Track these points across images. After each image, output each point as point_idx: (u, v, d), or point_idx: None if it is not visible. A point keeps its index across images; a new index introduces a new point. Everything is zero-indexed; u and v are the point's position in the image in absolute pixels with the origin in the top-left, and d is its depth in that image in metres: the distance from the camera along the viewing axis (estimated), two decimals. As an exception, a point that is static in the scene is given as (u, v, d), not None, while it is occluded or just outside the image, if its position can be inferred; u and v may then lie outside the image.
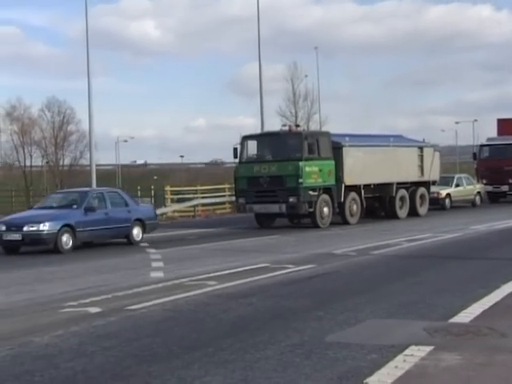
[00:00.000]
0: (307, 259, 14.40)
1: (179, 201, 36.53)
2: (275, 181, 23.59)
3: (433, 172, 29.56)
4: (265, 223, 25.29)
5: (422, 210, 29.08)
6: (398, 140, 29.05)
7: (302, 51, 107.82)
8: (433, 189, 33.38)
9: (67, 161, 71.84)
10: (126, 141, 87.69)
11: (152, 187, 39.40)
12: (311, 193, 23.54)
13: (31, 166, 71.37)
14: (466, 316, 8.21)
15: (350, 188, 25.17)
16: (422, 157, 29.07)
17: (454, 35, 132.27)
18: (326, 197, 24.18)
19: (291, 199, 23.20)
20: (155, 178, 71.56)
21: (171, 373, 6.06)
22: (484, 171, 37.54)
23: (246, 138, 25.42)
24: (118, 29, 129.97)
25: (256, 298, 10.08)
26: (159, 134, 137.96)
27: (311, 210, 23.69)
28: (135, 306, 9.40)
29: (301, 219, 25.30)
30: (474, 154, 39.02)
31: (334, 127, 58.30)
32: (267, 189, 23.79)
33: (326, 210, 24.14)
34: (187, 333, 7.83)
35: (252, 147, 25.21)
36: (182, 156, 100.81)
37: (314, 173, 23.75)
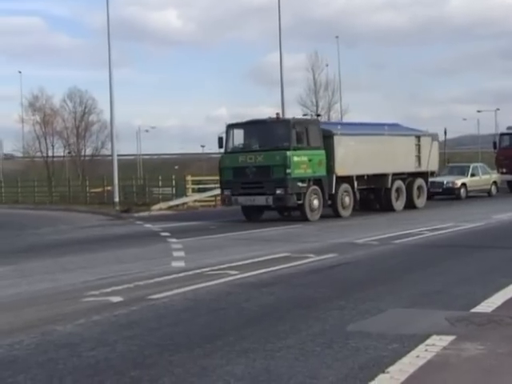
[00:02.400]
0: (329, 248, 14.39)
1: (200, 190, 36.60)
2: (262, 171, 22.43)
3: (431, 162, 28.35)
4: (252, 216, 24.09)
5: (420, 201, 27.92)
6: (394, 128, 27.85)
7: (324, 40, 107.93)
8: (448, 178, 33.60)
9: (89, 151, 72.35)
10: (147, 131, 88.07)
11: (173, 177, 39.48)
12: (300, 184, 22.38)
13: (53, 157, 71.89)
14: (488, 306, 8.16)
15: (341, 179, 24.08)
16: (419, 146, 27.83)
17: (477, 23, 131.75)
18: (316, 188, 23.05)
19: (278, 191, 22.08)
20: (176, 167, 71.75)
21: (193, 362, 6.08)
22: (503, 160, 37.29)
23: (231, 127, 24.16)
24: (140, 19, 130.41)
25: (277, 287, 10.09)
26: (181, 124, 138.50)
27: (300, 202, 22.50)
28: (156, 296, 9.43)
29: (291, 212, 24.12)
30: (494, 143, 38.81)
31: (355, 117, 58.11)
32: (253, 180, 22.68)
33: (315, 202, 22.95)
34: (208, 322, 7.85)
35: (238, 136, 24.01)
36: (203, 146, 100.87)
37: (302, 163, 22.55)
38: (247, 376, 5.64)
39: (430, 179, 35.08)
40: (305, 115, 50.30)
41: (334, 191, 23.62)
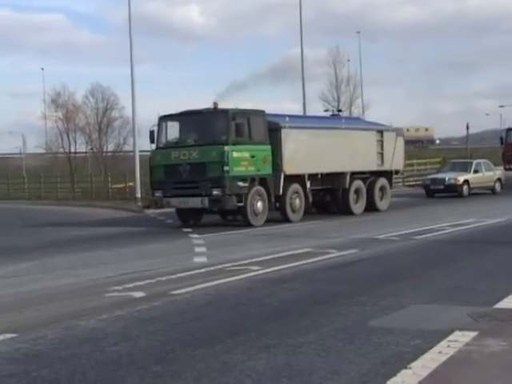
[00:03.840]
0: (350, 244, 14.37)
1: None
2: (197, 169, 19.77)
3: (395, 160, 25.45)
4: (190, 220, 21.39)
5: (383, 204, 24.99)
6: (353, 122, 25.32)
7: (345, 35, 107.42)
8: (450, 175, 31.93)
9: (111, 147, 72.48)
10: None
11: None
12: (240, 184, 19.69)
13: (75, 153, 72.13)
14: (510, 301, 8.12)
15: (291, 178, 21.30)
16: (381, 142, 24.95)
17: (499, 16, 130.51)
18: (259, 189, 20.32)
19: (215, 191, 19.39)
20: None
21: (214, 357, 6.11)
22: (510, 156, 36.64)
23: (163, 119, 21.28)
24: (162, 15, 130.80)
25: (299, 282, 10.10)
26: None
27: (241, 204, 19.77)
28: (179, 291, 9.47)
29: (236, 216, 21.20)
30: (501, 139, 38.04)
31: (376, 112, 58.01)
32: (187, 179, 19.99)
33: (259, 204, 20.18)
34: (230, 317, 7.87)
35: (172, 129, 21.37)
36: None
37: (243, 159, 19.94)
38: (269, 371, 5.66)
39: (431, 176, 33.73)
40: (326, 110, 50.20)
41: (281, 192, 20.95)
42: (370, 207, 24.24)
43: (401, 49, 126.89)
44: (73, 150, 71.67)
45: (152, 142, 21.42)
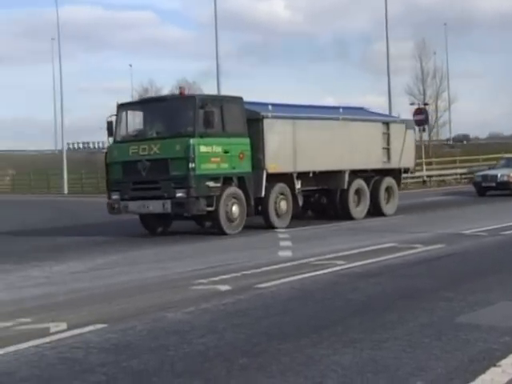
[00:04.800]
0: (435, 239, 14.18)
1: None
2: (158, 167, 16.70)
3: (405, 157, 21.98)
4: (157, 227, 18.32)
5: (389, 207, 21.56)
6: (353, 112, 21.60)
7: (432, 27, 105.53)
8: (503, 171, 29.25)
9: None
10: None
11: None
12: (210, 184, 16.56)
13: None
14: None
15: (275, 177, 18.13)
16: (388, 136, 21.47)
17: None
18: (235, 190, 17.21)
19: (179, 193, 16.31)
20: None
21: (300, 351, 6.14)
22: None
23: (122, 107, 18.21)
24: (248, 10, 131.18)
25: (384, 277, 10.03)
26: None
27: (211, 208, 16.61)
28: (264, 285, 9.54)
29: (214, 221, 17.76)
30: None
31: (463, 105, 56.97)
32: (147, 178, 16.91)
33: (235, 208, 17.06)
34: (315, 312, 7.89)
35: (133, 120, 18.78)
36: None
37: (214, 155, 16.80)
38: (354, 366, 5.65)
39: (482, 172, 30.83)
40: (412, 104, 49.56)
41: (263, 194, 17.79)
42: (375, 211, 21.12)
43: (490, 41, 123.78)
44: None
45: (110, 134, 18.07)
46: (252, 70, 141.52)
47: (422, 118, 44.65)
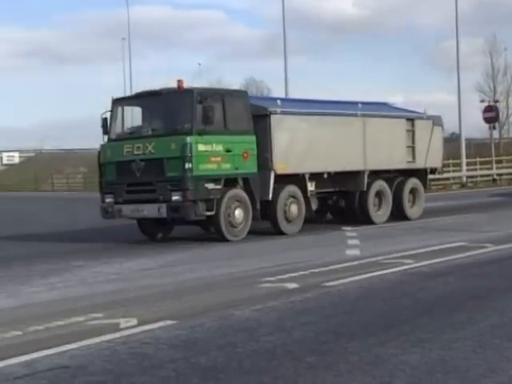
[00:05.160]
0: (507, 238, 13.92)
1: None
2: (153, 167, 15.43)
3: (431, 156, 20.20)
4: (156, 233, 17.08)
5: (414, 211, 20.00)
6: (373, 108, 19.95)
7: (502, 23, 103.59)
8: None
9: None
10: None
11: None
12: (209, 186, 15.22)
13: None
14: None
15: (285, 179, 16.72)
16: (413, 133, 19.89)
17: None
18: (238, 192, 15.87)
19: (175, 196, 15.02)
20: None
21: (368, 350, 6.12)
22: None
23: (117, 103, 16.73)
24: (315, 8, 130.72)
25: (453, 277, 9.92)
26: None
27: (210, 213, 15.25)
28: (331, 283, 9.53)
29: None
30: None
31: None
32: (142, 180, 15.64)
33: (238, 212, 15.70)
34: (383, 311, 7.85)
35: (129, 116, 16.97)
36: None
37: (214, 154, 15.43)
38: (423, 366, 5.61)
39: None
40: (482, 101, 48.72)
41: (271, 196, 16.41)
42: (398, 214, 19.60)
43: None
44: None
45: (105, 132, 16.73)
46: (320, 68, 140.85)
47: (492, 115, 43.94)
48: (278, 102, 17.47)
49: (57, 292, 9.99)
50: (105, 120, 16.63)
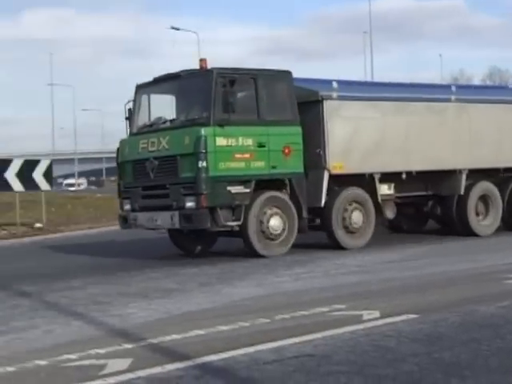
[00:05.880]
0: None
1: None
2: (166, 167, 12.94)
3: None
4: (193, 246, 14.34)
5: None
6: (474, 92, 16.57)
7: None
8: None
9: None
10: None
11: None
12: (234, 189, 12.53)
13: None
14: None
15: (344, 181, 13.92)
16: None
17: None
18: (275, 197, 13.08)
19: (188, 203, 12.40)
20: None
21: None
22: None
23: (140, 90, 14.10)
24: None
25: None
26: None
27: (237, 223, 12.62)
28: None
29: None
30: None
31: None
32: (156, 182, 13.13)
33: (275, 222, 12.93)
34: None
35: (153, 105, 14.24)
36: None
37: (240, 150, 12.67)
38: None
39: None
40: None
41: (323, 203, 13.65)
42: (508, 224, 16.19)
43: None
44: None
45: (130, 125, 14.32)
46: None
47: None
48: (334, 84, 14.11)
49: (301, 282, 10.31)
50: (129, 111, 14.19)
